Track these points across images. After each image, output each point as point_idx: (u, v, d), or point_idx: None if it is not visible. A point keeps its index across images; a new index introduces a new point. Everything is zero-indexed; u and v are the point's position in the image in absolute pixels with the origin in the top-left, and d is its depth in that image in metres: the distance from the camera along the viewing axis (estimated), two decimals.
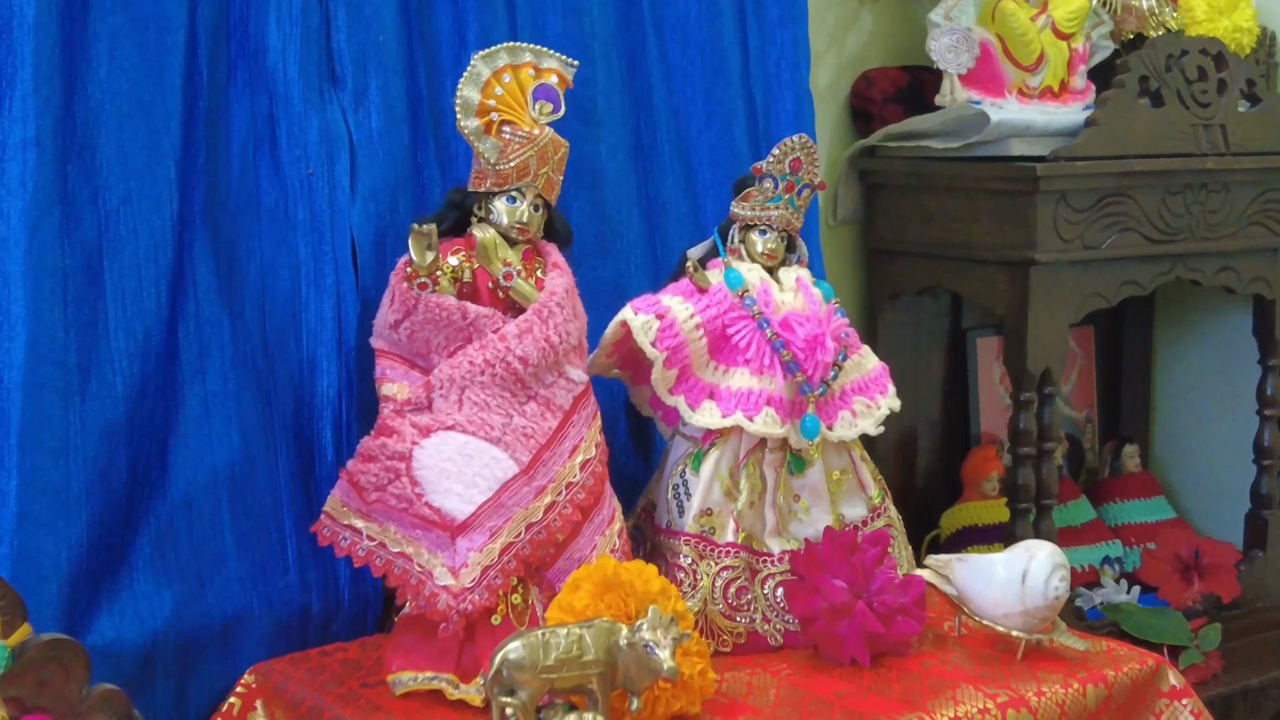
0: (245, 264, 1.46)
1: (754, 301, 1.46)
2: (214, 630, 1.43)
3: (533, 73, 1.41)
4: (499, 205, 1.42)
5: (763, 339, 1.46)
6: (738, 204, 1.50)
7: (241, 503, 1.45)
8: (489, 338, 1.37)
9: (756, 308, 1.46)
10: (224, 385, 1.43)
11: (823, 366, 1.45)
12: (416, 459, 1.34)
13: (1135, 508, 2.43)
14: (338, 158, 1.48)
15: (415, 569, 1.34)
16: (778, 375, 1.46)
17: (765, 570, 1.50)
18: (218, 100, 1.43)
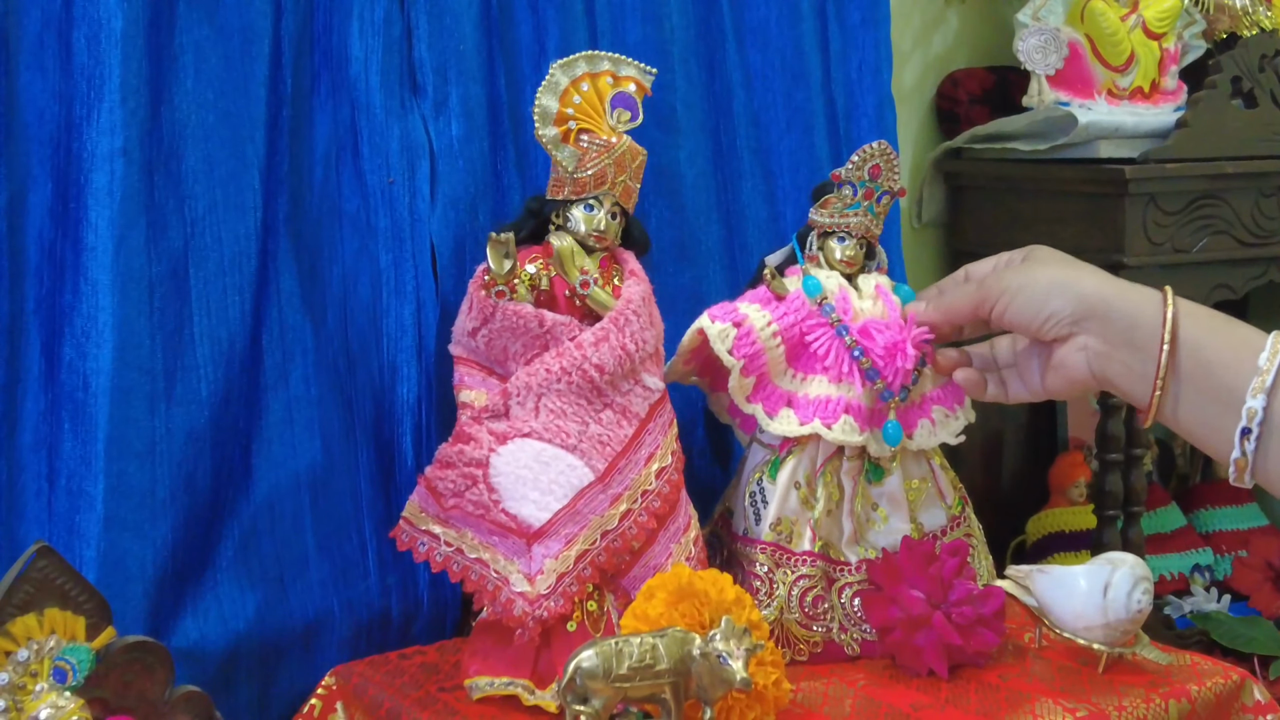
0: (327, 271, 1.48)
1: (832, 309, 1.45)
2: (295, 632, 1.45)
3: (611, 81, 1.42)
4: (576, 213, 1.42)
5: (841, 346, 1.46)
6: (816, 211, 1.50)
7: (323, 507, 1.47)
8: (566, 345, 1.37)
9: (835, 315, 1.46)
10: (306, 391, 1.45)
11: (903, 374, 1.44)
12: (493, 466, 1.35)
13: (1226, 515, 2.40)
14: (418, 166, 1.49)
15: (492, 575, 1.35)
16: (856, 383, 1.45)
17: (842, 579, 1.49)
18: (301, 109, 1.45)
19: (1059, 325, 1.14)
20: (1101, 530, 1.95)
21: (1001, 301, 1.18)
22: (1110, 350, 1.11)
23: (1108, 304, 1.11)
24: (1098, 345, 1.12)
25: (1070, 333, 1.14)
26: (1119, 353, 1.10)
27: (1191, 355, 1.07)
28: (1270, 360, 1.02)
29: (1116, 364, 1.11)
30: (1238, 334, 1.07)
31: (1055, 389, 1.19)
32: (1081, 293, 1.13)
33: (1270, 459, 1.02)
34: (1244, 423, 1.02)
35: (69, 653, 1.12)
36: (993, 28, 2.15)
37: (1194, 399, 1.06)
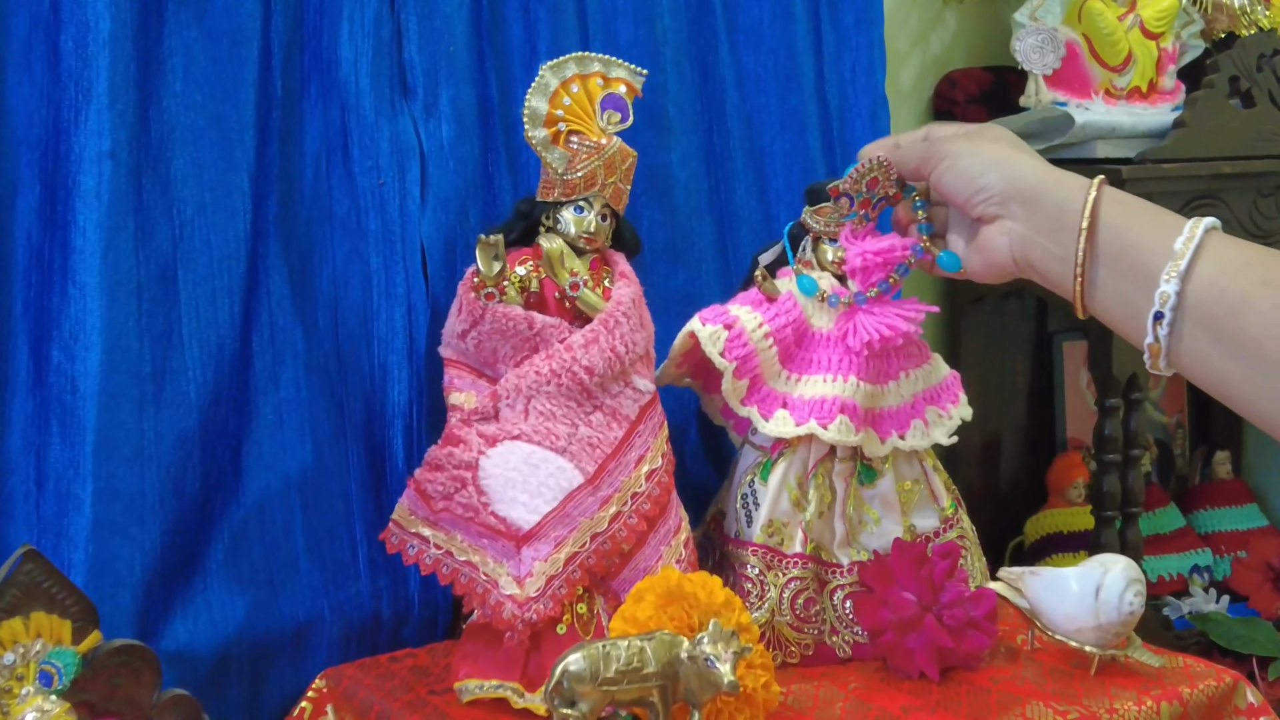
0: (318, 274, 1.48)
1: (837, 300, 1.43)
2: (286, 635, 1.44)
3: (601, 82, 1.41)
4: (566, 215, 1.42)
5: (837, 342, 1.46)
6: (810, 216, 1.49)
7: (313, 509, 1.46)
8: (555, 348, 1.37)
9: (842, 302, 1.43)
10: (297, 393, 1.45)
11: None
12: (483, 468, 1.35)
13: (1226, 515, 2.40)
14: (408, 168, 1.49)
15: (481, 577, 1.35)
16: (851, 381, 1.44)
17: (834, 581, 1.49)
18: (291, 112, 1.45)
19: (987, 203, 1.12)
20: (1100, 531, 1.94)
21: (942, 165, 1.16)
22: (1032, 235, 1.10)
23: (1039, 188, 1.10)
24: (1021, 229, 1.10)
25: (997, 214, 1.12)
26: (1041, 238, 1.09)
27: (1114, 238, 1.05)
28: (1186, 244, 1.00)
29: (1037, 249, 1.09)
30: (1164, 220, 1.04)
31: (977, 271, 1.18)
32: (1016, 173, 1.12)
33: (1184, 344, 1.00)
34: (1156, 306, 1.00)
35: (55, 656, 1.12)
36: (990, 28, 2.14)
37: (1113, 282, 1.05)
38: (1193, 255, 1.00)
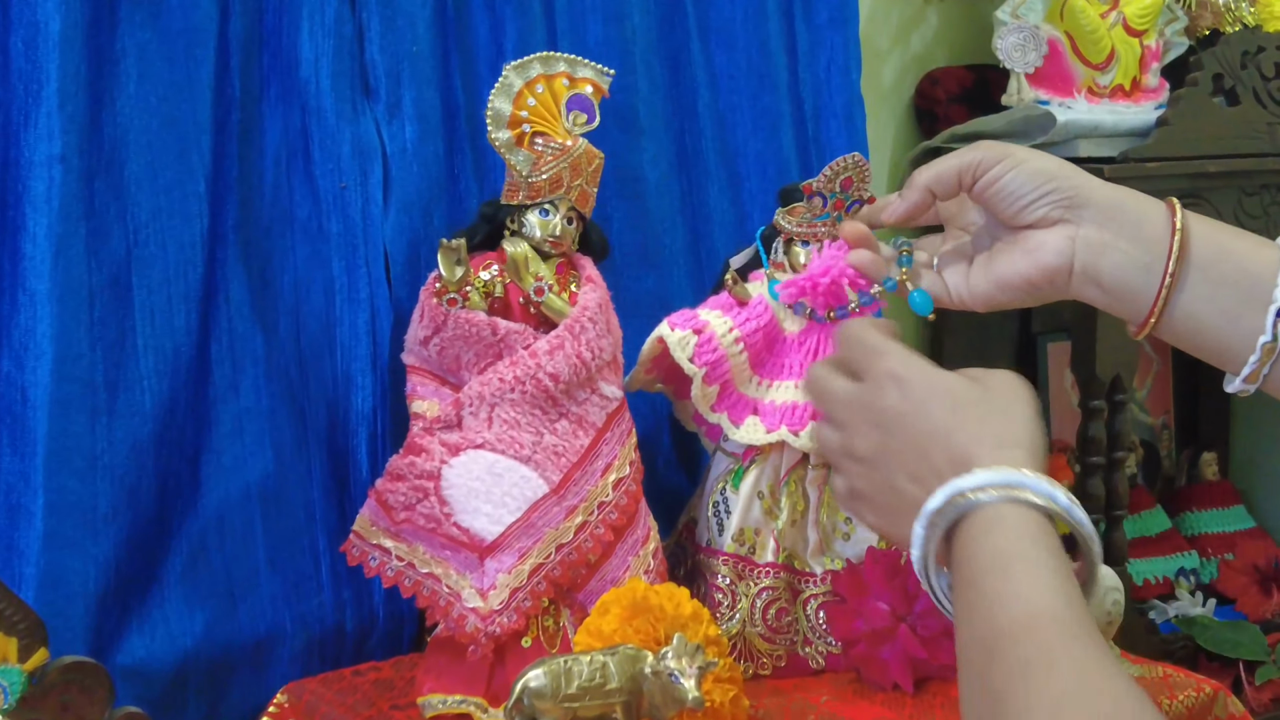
0: (278, 279, 1.45)
1: (804, 306, 1.40)
2: (246, 649, 1.41)
3: (567, 83, 1.38)
4: (532, 218, 1.39)
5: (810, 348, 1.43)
6: (783, 217, 1.46)
7: (274, 520, 1.43)
8: (520, 354, 1.34)
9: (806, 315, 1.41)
10: (257, 401, 1.42)
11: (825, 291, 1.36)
12: (445, 478, 1.32)
13: (1213, 517, 2.37)
14: (371, 170, 1.46)
15: (444, 590, 1.32)
16: None
17: (807, 591, 1.46)
18: (251, 114, 1.42)
19: (1056, 204, 1.05)
20: None
21: (1000, 167, 1.07)
22: (1110, 240, 1.03)
23: (1117, 198, 1.04)
24: (1093, 234, 1.04)
25: (1060, 218, 1.05)
26: (1121, 243, 1.03)
27: (1209, 243, 1.01)
28: None
29: (1116, 254, 1.03)
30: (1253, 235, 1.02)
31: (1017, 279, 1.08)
32: (1090, 184, 1.05)
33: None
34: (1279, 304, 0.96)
35: (0, 675, 1.09)
36: (972, 26, 2.12)
37: (1208, 289, 1.00)
38: None
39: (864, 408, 0.98)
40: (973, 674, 0.83)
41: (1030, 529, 0.86)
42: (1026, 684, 0.78)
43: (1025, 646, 0.80)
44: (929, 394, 0.95)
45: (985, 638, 0.83)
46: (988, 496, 0.87)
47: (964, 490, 0.88)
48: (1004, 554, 0.85)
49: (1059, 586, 0.83)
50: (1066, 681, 0.77)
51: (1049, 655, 0.79)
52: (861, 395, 0.98)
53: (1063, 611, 0.82)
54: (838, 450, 1.00)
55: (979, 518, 0.87)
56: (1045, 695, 0.77)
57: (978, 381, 0.96)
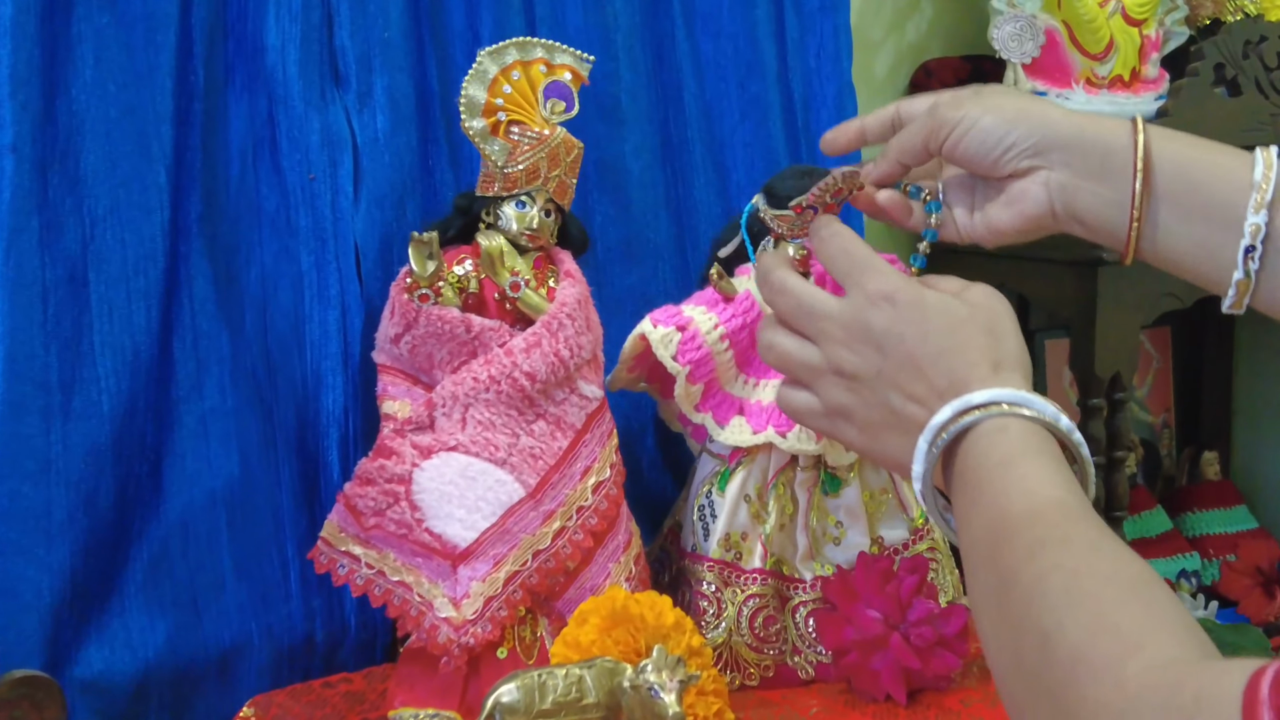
0: (244, 274, 1.39)
1: None
2: (211, 660, 1.35)
3: (544, 69, 1.33)
4: (508, 210, 1.33)
5: None
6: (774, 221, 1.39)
7: (241, 526, 1.37)
8: (495, 352, 1.28)
9: None
10: (222, 402, 1.36)
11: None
12: (416, 482, 1.26)
13: (1214, 518, 2.32)
14: (341, 161, 1.40)
15: (415, 599, 1.26)
16: None
17: (796, 598, 1.41)
18: (215, 103, 1.36)
19: (1019, 156, 1.03)
20: None
21: (958, 131, 1.04)
22: (1079, 182, 1.01)
23: (1078, 132, 1.01)
24: (1064, 177, 1.02)
25: (1031, 166, 1.03)
26: (1089, 183, 1.01)
27: (1176, 175, 0.98)
28: (1266, 174, 0.94)
29: (1086, 195, 1.01)
30: (1225, 152, 0.99)
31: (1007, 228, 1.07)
32: (1046, 121, 1.02)
33: (1275, 278, 0.96)
34: (1247, 240, 0.94)
35: None
36: (967, 15, 2.07)
37: (1180, 221, 0.98)
38: (1277, 182, 0.94)
39: (855, 325, 0.97)
40: (981, 563, 0.84)
41: (1035, 437, 0.88)
42: (1041, 560, 0.79)
43: (1037, 529, 0.81)
44: (923, 315, 0.95)
45: (994, 527, 0.84)
46: (992, 411, 0.89)
47: (971, 405, 0.89)
48: (1011, 455, 0.86)
49: (1066, 482, 0.85)
50: (1081, 555, 0.78)
51: (1062, 534, 0.80)
52: (852, 312, 0.98)
53: (1072, 501, 0.83)
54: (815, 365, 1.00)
55: (984, 428, 0.89)
56: (1062, 566, 0.78)
57: (962, 299, 0.97)
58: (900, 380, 0.94)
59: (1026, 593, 0.78)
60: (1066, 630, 0.75)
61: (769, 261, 1.05)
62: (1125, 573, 0.78)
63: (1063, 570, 0.78)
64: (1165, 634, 0.73)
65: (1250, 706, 0.64)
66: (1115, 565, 0.78)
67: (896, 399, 0.95)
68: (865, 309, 0.97)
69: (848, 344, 0.97)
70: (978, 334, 0.94)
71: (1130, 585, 0.77)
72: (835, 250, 1.02)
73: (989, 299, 0.98)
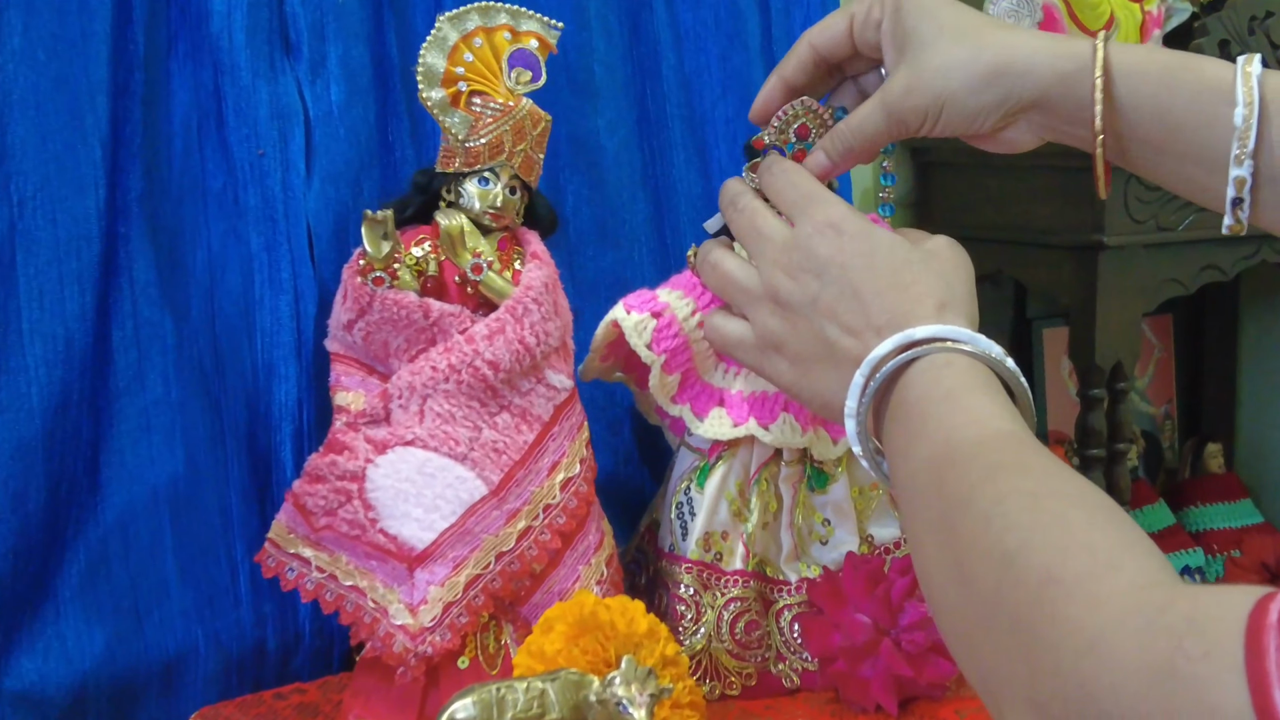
0: (190, 257, 1.30)
1: None
2: (153, 670, 1.26)
3: (509, 36, 1.23)
4: (470, 188, 1.24)
5: None
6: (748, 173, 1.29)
7: (186, 526, 1.28)
8: (455, 339, 1.19)
9: None
10: (166, 394, 1.27)
11: None
12: (370, 479, 1.17)
13: (1218, 512, 2.26)
14: (291, 136, 1.31)
15: (369, 605, 1.17)
16: None
17: (781, 601, 1.32)
18: (156, 73, 1.27)
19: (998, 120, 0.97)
20: None
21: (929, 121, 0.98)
22: (1060, 124, 0.97)
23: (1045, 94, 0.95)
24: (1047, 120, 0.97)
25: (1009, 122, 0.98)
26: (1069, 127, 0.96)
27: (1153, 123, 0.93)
28: (1248, 117, 0.88)
29: (1071, 138, 0.97)
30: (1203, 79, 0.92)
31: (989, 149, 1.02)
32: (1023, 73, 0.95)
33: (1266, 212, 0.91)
34: (1233, 193, 0.90)
35: None
36: None
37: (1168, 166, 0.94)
38: (1259, 125, 0.88)
39: (797, 251, 0.94)
40: (923, 491, 0.80)
41: (979, 373, 0.84)
42: (999, 483, 0.74)
43: (991, 455, 0.77)
44: (870, 248, 0.92)
45: (940, 455, 0.79)
46: (934, 347, 0.85)
47: (914, 339, 0.86)
48: (955, 389, 0.83)
49: (1015, 417, 0.82)
50: (1042, 479, 0.74)
51: (1018, 460, 0.76)
52: (795, 239, 0.94)
53: (1023, 435, 0.80)
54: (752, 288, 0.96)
55: (927, 363, 0.85)
56: (1021, 490, 0.73)
57: (917, 244, 0.94)
58: (838, 310, 0.91)
59: (983, 515, 0.73)
60: (1034, 549, 0.69)
61: (737, 184, 1.01)
62: (1091, 499, 0.73)
63: (1023, 493, 0.73)
64: (1144, 558, 0.68)
65: (1255, 631, 0.57)
66: (1080, 490, 0.73)
67: (832, 330, 0.91)
68: (810, 236, 0.93)
69: (787, 269, 0.94)
70: (926, 275, 0.90)
71: (1099, 509, 0.72)
72: (782, 184, 0.98)
73: (946, 248, 0.95)
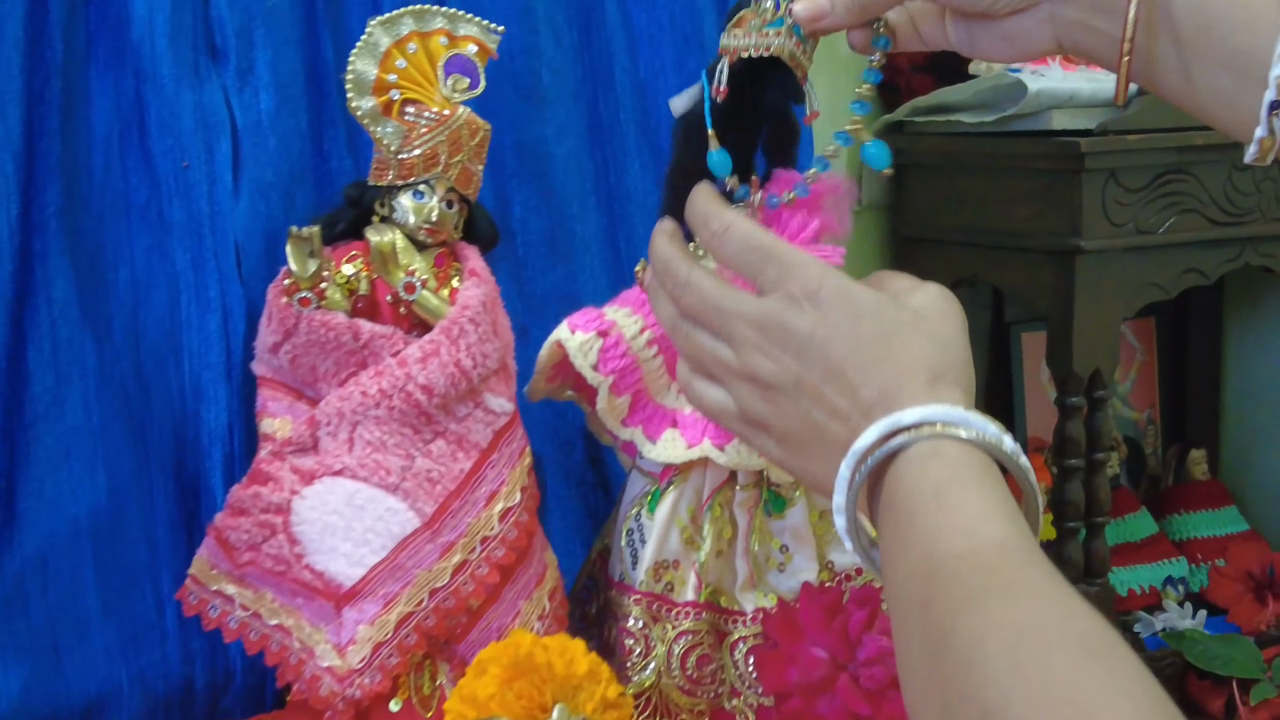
0: (112, 275, 1.24)
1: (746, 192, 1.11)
2: (73, 712, 1.21)
3: (446, 41, 1.18)
4: (404, 201, 1.18)
5: None
6: (729, 34, 1.16)
7: (109, 559, 1.22)
8: (387, 363, 1.14)
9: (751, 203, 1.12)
10: (87, 419, 1.22)
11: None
12: (296, 512, 1.12)
13: (1202, 520, 2.21)
14: (217, 146, 1.25)
15: (295, 645, 1.12)
16: None
17: (735, 633, 1.26)
18: (74, 81, 1.21)
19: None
20: (1062, 543, 1.76)
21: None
22: (1086, 17, 0.90)
23: None
24: (1070, 13, 0.90)
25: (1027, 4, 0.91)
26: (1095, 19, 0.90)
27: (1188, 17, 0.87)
28: None
29: (1092, 35, 0.90)
30: None
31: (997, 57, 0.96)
32: None
33: None
34: (1272, 95, 0.83)
35: None
36: None
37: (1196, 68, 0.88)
38: None
39: (772, 328, 0.85)
40: (909, 613, 0.73)
41: (973, 461, 0.76)
42: (981, 614, 0.68)
43: (976, 575, 0.71)
44: (852, 318, 0.83)
45: (925, 571, 0.73)
46: (924, 434, 0.77)
47: (900, 425, 0.77)
48: (944, 484, 0.75)
49: (1009, 516, 0.74)
50: (1027, 610, 0.68)
51: (1005, 583, 0.70)
52: (768, 312, 0.85)
53: (1015, 540, 0.72)
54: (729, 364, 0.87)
55: (915, 452, 0.77)
56: (1004, 625, 0.67)
57: (903, 301, 0.85)
58: (823, 392, 0.83)
59: (964, 656, 0.66)
60: (1012, 703, 0.63)
61: (667, 249, 0.89)
62: (1078, 629, 0.67)
63: (1006, 629, 0.66)
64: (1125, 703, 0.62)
65: None
66: (1067, 622, 0.67)
67: (818, 413, 0.83)
68: (784, 309, 0.84)
69: (763, 349, 0.85)
70: (916, 340, 0.82)
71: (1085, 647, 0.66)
72: (736, 247, 0.87)
73: (937, 302, 0.85)
